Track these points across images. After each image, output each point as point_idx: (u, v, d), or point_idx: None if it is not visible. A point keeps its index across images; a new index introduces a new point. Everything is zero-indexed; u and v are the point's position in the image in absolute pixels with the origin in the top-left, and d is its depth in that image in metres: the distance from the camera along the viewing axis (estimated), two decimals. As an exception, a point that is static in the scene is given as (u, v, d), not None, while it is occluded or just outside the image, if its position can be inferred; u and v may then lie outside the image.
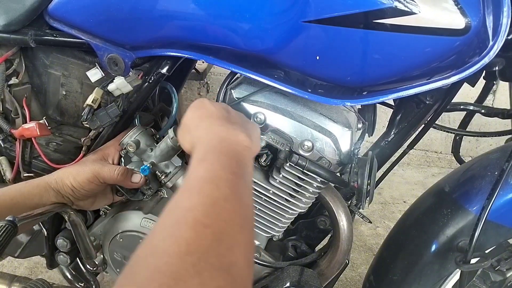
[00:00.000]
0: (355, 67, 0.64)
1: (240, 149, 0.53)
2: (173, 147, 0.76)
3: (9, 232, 0.57)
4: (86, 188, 0.76)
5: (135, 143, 0.77)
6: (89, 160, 0.78)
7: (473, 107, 0.91)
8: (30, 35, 0.77)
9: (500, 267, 0.86)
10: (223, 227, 0.39)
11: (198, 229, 0.38)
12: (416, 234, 0.87)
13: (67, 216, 0.77)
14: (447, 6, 0.56)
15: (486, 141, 2.42)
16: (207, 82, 2.54)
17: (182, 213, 0.40)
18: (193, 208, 0.40)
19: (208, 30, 0.66)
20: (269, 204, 0.82)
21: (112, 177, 0.76)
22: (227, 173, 0.46)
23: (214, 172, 0.46)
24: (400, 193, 2.25)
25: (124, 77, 0.77)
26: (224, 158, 0.49)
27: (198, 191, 0.43)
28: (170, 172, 0.79)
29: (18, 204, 0.72)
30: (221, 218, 0.40)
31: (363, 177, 0.72)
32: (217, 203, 0.41)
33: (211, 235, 0.38)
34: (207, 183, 0.44)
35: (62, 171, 0.77)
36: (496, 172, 0.79)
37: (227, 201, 0.42)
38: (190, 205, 0.41)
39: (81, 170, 0.76)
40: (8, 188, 0.74)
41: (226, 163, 0.48)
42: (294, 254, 0.95)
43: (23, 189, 0.74)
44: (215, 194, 0.43)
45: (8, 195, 0.72)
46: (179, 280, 0.33)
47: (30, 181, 0.77)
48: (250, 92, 0.74)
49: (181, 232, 0.38)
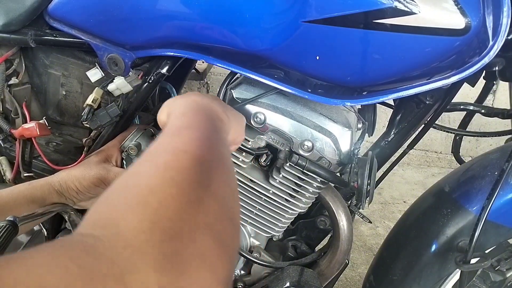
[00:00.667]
0: (355, 67, 0.64)
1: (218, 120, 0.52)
2: None
3: (9, 232, 0.57)
4: (92, 191, 0.75)
5: (136, 146, 0.77)
6: (93, 163, 0.78)
7: (473, 107, 0.91)
8: (30, 35, 0.77)
9: (500, 267, 0.86)
10: (202, 155, 0.38)
11: (177, 153, 0.38)
12: (416, 234, 0.88)
13: (67, 216, 0.77)
14: (447, 6, 0.56)
15: (486, 141, 2.42)
16: (207, 82, 2.54)
17: (161, 147, 0.40)
18: (172, 142, 0.40)
19: (208, 30, 0.66)
20: (269, 204, 0.83)
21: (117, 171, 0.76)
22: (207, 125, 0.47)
23: (193, 123, 0.46)
24: (400, 193, 2.25)
25: (124, 77, 0.77)
26: (203, 117, 0.49)
27: (178, 133, 0.43)
28: None
29: (21, 206, 0.72)
30: (201, 149, 0.39)
31: (363, 177, 0.72)
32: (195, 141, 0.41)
33: (190, 159, 0.37)
34: (186, 128, 0.44)
35: (66, 173, 0.77)
36: (496, 172, 0.79)
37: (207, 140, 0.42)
38: (170, 141, 0.41)
39: (86, 174, 0.76)
40: (11, 190, 0.74)
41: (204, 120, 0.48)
42: (294, 254, 0.95)
43: (26, 191, 0.74)
44: (194, 135, 0.42)
45: (11, 197, 0.72)
46: (157, 192, 0.33)
47: (33, 183, 0.76)
48: (251, 93, 0.74)
49: (160, 157, 0.38)
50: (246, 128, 0.75)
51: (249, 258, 0.88)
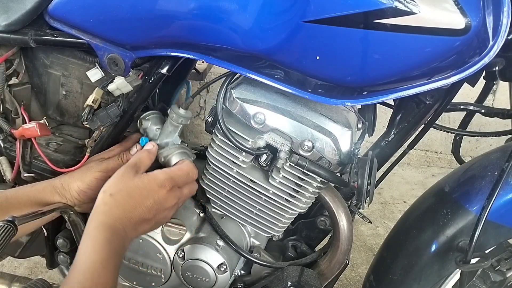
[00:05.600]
0: (355, 67, 0.63)
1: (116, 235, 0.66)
2: (173, 125, 0.82)
3: (8, 232, 0.57)
4: (93, 187, 0.76)
5: None
6: (93, 163, 0.79)
7: (473, 107, 0.91)
8: (30, 35, 0.77)
9: (500, 267, 0.86)
10: None
11: None
12: (416, 234, 0.87)
13: (67, 216, 0.78)
14: (447, 6, 0.56)
15: (486, 141, 2.42)
16: (207, 82, 2.54)
17: None
18: None
19: (208, 30, 0.66)
20: (269, 204, 0.83)
21: (119, 163, 0.78)
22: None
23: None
24: (400, 193, 2.25)
25: (124, 77, 0.77)
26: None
27: None
28: (166, 145, 0.83)
29: (24, 207, 0.72)
30: None
31: (363, 177, 0.72)
32: None
33: None
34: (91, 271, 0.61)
35: (68, 176, 0.78)
36: (496, 172, 0.79)
37: None
38: None
39: (87, 172, 0.77)
40: (16, 191, 0.74)
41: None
42: (294, 254, 0.95)
43: (29, 192, 0.74)
44: None
45: (15, 198, 0.72)
46: None
47: (36, 185, 0.77)
48: (251, 93, 0.74)
49: None
50: (246, 128, 0.75)
51: (249, 258, 0.88)
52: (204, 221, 0.90)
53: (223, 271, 0.84)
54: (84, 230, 0.65)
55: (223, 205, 0.87)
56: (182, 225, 0.86)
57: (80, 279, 0.59)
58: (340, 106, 0.76)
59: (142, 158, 0.77)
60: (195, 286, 0.88)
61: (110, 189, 0.70)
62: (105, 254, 0.62)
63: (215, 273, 0.84)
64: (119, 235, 0.66)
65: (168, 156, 0.81)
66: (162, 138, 0.83)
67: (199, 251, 0.84)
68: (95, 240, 0.63)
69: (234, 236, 0.88)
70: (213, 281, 0.85)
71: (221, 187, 0.84)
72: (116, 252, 0.64)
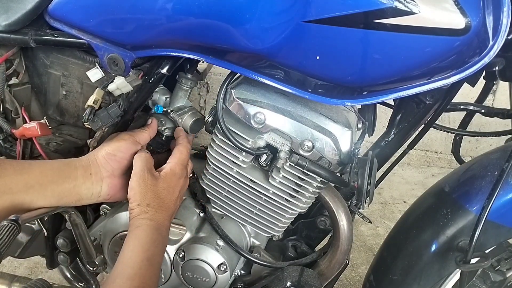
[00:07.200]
0: (355, 67, 0.64)
1: None
2: (183, 90, 0.86)
3: (12, 231, 0.58)
4: (122, 149, 0.77)
5: None
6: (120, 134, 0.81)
7: (473, 107, 0.91)
8: (30, 35, 0.77)
9: (500, 267, 0.87)
10: None
11: None
12: (416, 234, 0.88)
13: (67, 216, 0.77)
14: (447, 6, 0.56)
15: (486, 141, 2.43)
16: (207, 82, 2.54)
17: None
18: None
19: (208, 30, 0.66)
20: (269, 204, 0.83)
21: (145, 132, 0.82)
22: None
23: None
24: (400, 193, 2.25)
25: (124, 77, 0.77)
26: None
27: None
28: (180, 110, 0.87)
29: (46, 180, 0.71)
30: None
31: (363, 177, 0.72)
32: None
33: None
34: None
35: (93, 151, 0.79)
36: (496, 172, 0.79)
37: None
38: None
39: (113, 138, 0.79)
40: (43, 163, 0.73)
41: None
42: (294, 254, 0.95)
43: (55, 163, 0.74)
44: None
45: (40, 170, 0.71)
46: None
47: (61, 159, 0.76)
48: (251, 93, 0.74)
49: None
50: (246, 128, 0.76)
51: (249, 258, 0.88)
52: (204, 221, 0.90)
53: (223, 271, 0.84)
54: (128, 232, 0.72)
55: (223, 205, 0.87)
56: (182, 225, 0.86)
57: (130, 274, 0.66)
58: (340, 106, 0.77)
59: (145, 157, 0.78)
60: (195, 286, 0.88)
61: (144, 201, 0.74)
62: (151, 253, 0.69)
63: (215, 273, 0.85)
64: (161, 234, 0.73)
65: (184, 117, 0.85)
66: (174, 104, 0.87)
67: (199, 251, 0.85)
68: (142, 240, 0.70)
69: (234, 236, 0.88)
70: (213, 281, 0.85)
71: (221, 187, 0.84)
72: (160, 250, 0.73)
